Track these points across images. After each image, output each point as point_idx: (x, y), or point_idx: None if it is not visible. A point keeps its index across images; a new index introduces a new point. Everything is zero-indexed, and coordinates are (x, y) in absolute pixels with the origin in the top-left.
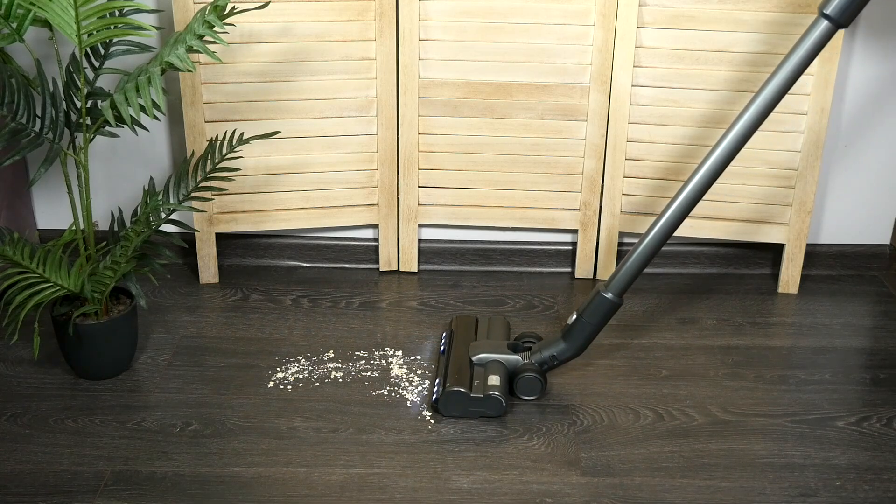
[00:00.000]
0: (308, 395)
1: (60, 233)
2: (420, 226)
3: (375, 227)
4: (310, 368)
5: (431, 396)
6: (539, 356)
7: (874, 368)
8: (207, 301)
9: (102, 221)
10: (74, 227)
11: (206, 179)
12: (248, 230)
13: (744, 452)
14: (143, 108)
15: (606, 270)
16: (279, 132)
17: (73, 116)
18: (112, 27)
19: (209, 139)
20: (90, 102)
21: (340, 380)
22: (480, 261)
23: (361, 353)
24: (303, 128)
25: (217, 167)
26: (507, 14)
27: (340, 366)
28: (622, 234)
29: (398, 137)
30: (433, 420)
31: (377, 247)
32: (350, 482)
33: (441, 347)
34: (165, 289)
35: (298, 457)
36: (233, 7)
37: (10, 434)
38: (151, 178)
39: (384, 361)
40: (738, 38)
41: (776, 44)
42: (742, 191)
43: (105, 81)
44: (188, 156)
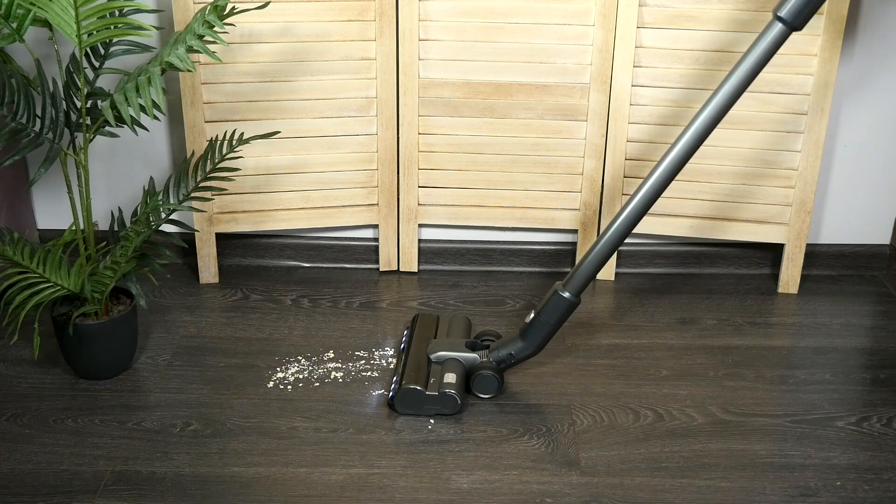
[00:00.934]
0: (308, 395)
1: (60, 233)
2: (420, 226)
3: (375, 227)
4: (310, 368)
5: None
6: (496, 354)
7: (874, 368)
8: (207, 301)
9: (102, 221)
10: (74, 227)
11: (206, 179)
12: (248, 230)
13: (744, 452)
14: (143, 108)
15: (606, 270)
16: (279, 132)
17: (73, 116)
18: (112, 27)
19: (209, 139)
20: (90, 102)
21: (340, 380)
22: (480, 261)
23: (361, 353)
24: (303, 128)
25: (217, 167)
26: (507, 14)
27: (340, 366)
28: None
29: (398, 137)
30: (433, 420)
31: (377, 247)
32: (350, 482)
33: (402, 345)
34: (165, 289)
35: (298, 457)
36: (233, 7)
37: (10, 434)
38: (151, 178)
39: (384, 361)
40: (738, 38)
41: None
42: (742, 191)
43: (105, 81)
44: (188, 156)
